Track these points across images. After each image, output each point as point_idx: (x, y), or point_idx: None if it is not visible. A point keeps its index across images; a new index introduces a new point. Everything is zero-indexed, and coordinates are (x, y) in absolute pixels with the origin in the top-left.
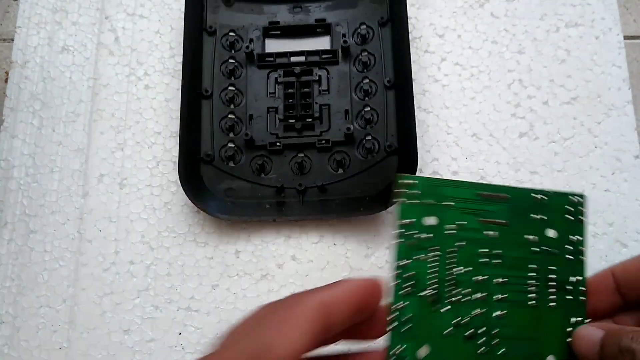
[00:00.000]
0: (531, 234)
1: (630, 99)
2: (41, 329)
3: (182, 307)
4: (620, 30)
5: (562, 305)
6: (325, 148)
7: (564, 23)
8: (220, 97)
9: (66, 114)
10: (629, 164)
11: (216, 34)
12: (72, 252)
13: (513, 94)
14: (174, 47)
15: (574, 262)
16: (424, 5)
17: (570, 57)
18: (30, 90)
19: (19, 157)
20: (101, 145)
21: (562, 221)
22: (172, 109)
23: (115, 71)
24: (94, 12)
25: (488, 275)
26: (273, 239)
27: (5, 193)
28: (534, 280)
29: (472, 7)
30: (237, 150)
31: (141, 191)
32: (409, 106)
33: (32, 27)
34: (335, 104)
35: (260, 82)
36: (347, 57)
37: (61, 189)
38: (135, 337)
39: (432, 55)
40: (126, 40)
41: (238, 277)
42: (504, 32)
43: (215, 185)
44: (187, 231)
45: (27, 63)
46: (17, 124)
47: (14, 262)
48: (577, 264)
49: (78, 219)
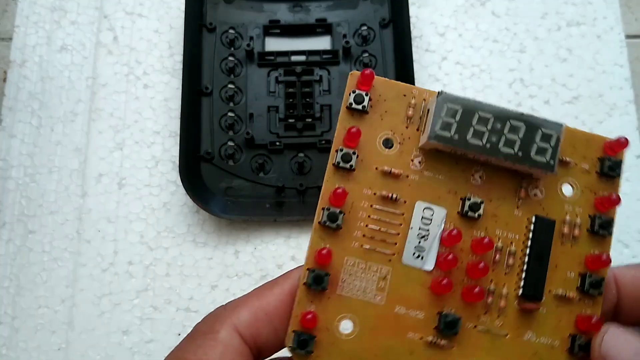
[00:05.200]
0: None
1: (632, 98)
2: (40, 329)
3: (181, 307)
4: (622, 29)
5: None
6: (326, 148)
7: (565, 22)
8: (220, 95)
9: (65, 114)
10: (631, 164)
11: (216, 30)
12: (70, 253)
13: (514, 93)
14: (173, 46)
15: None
16: (424, 4)
17: (572, 56)
18: (29, 90)
19: (17, 157)
20: (100, 145)
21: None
22: (171, 108)
23: (114, 70)
24: (92, 11)
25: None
26: (273, 239)
27: (4, 193)
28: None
29: (473, 5)
30: (237, 148)
31: (140, 191)
32: None
33: (30, 26)
34: (337, 104)
35: (261, 80)
36: (348, 58)
37: (60, 189)
38: (134, 338)
39: (433, 54)
40: (125, 39)
41: (237, 277)
42: (505, 31)
43: (215, 184)
44: (186, 231)
45: (25, 62)
46: (16, 124)
47: (12, 262)
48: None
49: (77, 219)
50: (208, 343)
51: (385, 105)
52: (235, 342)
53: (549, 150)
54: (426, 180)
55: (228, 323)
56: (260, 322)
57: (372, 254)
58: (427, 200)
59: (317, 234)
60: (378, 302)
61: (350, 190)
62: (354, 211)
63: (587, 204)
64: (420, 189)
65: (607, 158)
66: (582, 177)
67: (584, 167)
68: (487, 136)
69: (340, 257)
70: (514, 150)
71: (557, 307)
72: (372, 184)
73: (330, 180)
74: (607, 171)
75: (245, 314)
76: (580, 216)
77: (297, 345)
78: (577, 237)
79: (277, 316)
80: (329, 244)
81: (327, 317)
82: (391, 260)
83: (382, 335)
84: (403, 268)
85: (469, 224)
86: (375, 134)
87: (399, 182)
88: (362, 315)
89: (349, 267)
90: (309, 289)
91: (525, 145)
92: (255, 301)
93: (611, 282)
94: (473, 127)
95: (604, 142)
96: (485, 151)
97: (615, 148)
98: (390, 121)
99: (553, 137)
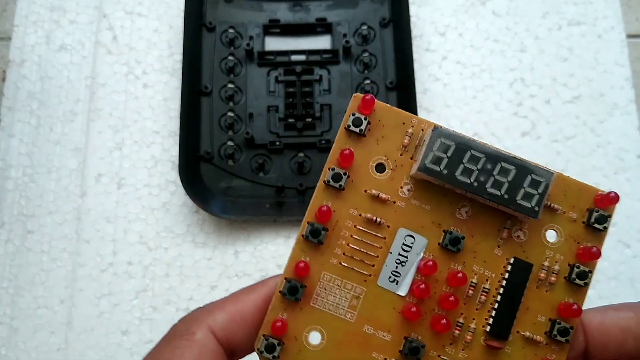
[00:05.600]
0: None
1: (633, 98)
2: (39, 330)
3: (180, 308)
4: (622, 28)
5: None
6: (326, 148)
7: (566, 21)
8: (220, 94)
9: (64, 113)
10: (632, 164)
11: (215, 30)
12: (69, 253)
13: (515, 92)
14: (172, 45)
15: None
16: (424, 4)
17: (573, 56)
18: (28, 89)
19: (16, 156)
20: (99, 145)
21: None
22: (170, 108)
23: (113, 70)
24: (92, 11)
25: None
26: (272, 239)
27: (3, 193)
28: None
29: (474, 5)
30: (236, 148)
31: (139, 191)
32: (411, 108)
33: (29, 25)
34: (337, 104)
35: (261, 80)
36: (348, 57)
37: (59, 189)
38: (133, 339)
39: (433, 53)
40: (124, 39)
41: (237, 277)
42: (506, 31)
43: (214, 184)
44: (185, 231)
45: (24, 62)
46: (15, 123)
47: (11, 262)
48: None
49: (76, 219)
50: (184, 344)
51: (383, 130)
52: (210, 343)
53: (536, 197)
54: (412, 209)
55: (204, 325)
56: (236, 325)
57: (349, 272)
58: (411, 228)
59: (299, 246)
60: (349, 319)
61: (337, 208)
62: (337, 229)
63: (569, 252)
64: (405, 216)
65: (596, 210)
66: (568, 225)
67: (572, 216)
68: (476, 175)
69: (318, 271)
70: (500, 192)
71: (522, 348)
72: (359, 206)
73: (319, 197)
74: (594, 223)
75: (222, 316)
76: (560, 263)
77: (264, 348)
78: (553, 284)
79: (252, 320)
80: (309, 257)
81: (297, 327)
82: (367, 280)
83: (348, 351)
84: (378, 289)
85: (448, 257)
86: (370, 158)
87: (386, 207)
88: (331, 329)
89: (325, 282)
90: (284, 297)
91: (512, 189)
92: (231, 305)
93: (579, 328)
94: (463, 164)
95: (595, 193)
96: (472, 189)
97: (605, 202)
98: (385, 147)
99: (542, 184)
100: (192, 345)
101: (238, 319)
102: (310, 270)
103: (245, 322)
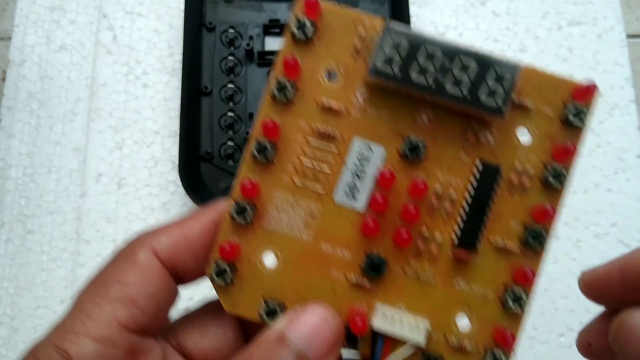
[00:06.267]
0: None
1: (633, 98)
2: (39, 330)
3: (180, 308)
4: (622, 28)
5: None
6: None
7: (566, 21)
8: (220, 94)
9: (64, 113)
10: (631, 163)
11: (215, 29)
12: (69, 253)
13: None
14: (172, 45)
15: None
16: (424, 4)
17: (573, 56)
18: (28, 90)
19: (16, 156)
20: (99, 145)
21: None
22: (170, 108)
23: (113, 70)
24: (92, 11)
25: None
26: None
27: (3, 193)
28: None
29: (474, 5)
30: (236, 148)
31: (139, 191)
32: None
33: (29, 25)
34: None
35: (261, 80)
36: None
37: (59, 189)
38: None
39: None
40: (124, 39)
41: None
42: (506, 31)
43: (214, 184)
44: None
45: (24, 62)
46: (15, 123)
47: (11, 262)
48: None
49: (76, 219)
50: (127, 265)
51: (332, 34)
52: (153, 263)
53: (501, 93)
54: (368, 118)
55: (147, 246)
56: (180, 248)
57: (302, 190)
58: (367, 137)
59: (247, 166)
60: (304, 239)
61: (286, 122)
62: (288, 145)
63: (544, 152)
64: (360, 126)
65: (574, 103)
66: (542, 123)
67: (547, 113)
68: (433, 74)
69: (268, 191)
70: (461, 91)
71: (495, 258)
72: (309, 118)
73: (265, 111)
74: (571, 118)
75: (165, 239)
76: (533, 164)
77: (215, 273)
78: (525, 187)
79: (198, 244)
80: (258, 177)
81: (250, 250)
82: (322, 197)
83: (306, 271)
84: (334, 206)
85: (409, 166)
86: (319, 66)
87: (339, 117)
88: (286, 250)
89: (277, 202)
90: (233, 220)
91: (474, 86)
92: (177, 228)
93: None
94: (418, 62)
95: (572, 86)
96: (429, 90)
97: (583, 94)
98: (336, 52)
99: (507, 79)
100: (134, 266)
101: (183, 242)
102: (261, 190)
103: (190, 245)
